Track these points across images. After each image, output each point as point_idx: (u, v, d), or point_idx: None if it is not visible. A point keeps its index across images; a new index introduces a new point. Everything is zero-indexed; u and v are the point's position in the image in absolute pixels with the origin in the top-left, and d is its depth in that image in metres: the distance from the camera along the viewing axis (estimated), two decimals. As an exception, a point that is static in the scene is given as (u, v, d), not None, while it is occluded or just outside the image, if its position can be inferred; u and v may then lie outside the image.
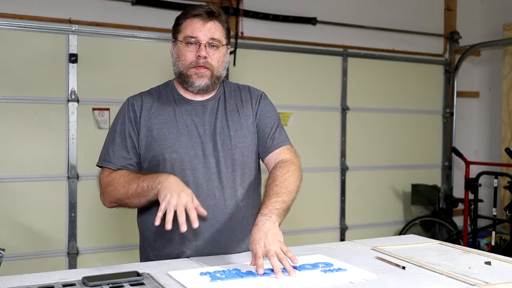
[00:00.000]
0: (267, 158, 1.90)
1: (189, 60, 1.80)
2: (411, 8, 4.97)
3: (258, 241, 1.55)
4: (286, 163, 1.83)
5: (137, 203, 1.74)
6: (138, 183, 1.68)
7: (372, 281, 1.48)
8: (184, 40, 1.80)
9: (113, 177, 1.78)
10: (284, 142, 1.91)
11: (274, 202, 1.68)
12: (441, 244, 1.99)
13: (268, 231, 1.57)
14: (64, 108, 3.59)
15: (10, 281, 1.44)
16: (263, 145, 1.91)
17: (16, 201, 3.47)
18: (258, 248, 1.53)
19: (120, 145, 1.83)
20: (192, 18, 1.81)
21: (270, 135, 1.90)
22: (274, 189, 1.73)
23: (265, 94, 1.99)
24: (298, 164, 1.87)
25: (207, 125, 1.84)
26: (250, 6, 4.15)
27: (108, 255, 3.69)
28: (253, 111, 1.91)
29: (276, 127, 1.92)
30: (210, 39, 1.79)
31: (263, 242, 1.54)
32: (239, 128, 1.87)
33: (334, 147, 4.60)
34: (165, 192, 1.57)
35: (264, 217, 1.62)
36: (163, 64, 3.73)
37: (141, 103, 1.86)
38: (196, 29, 1.79)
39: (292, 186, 1.76)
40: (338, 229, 4.58)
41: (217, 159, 1.82)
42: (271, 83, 4.18)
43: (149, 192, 1.65)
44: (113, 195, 1.77)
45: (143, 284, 1.43)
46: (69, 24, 3.59)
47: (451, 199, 4.78)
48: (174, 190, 1.57)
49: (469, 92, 5.30)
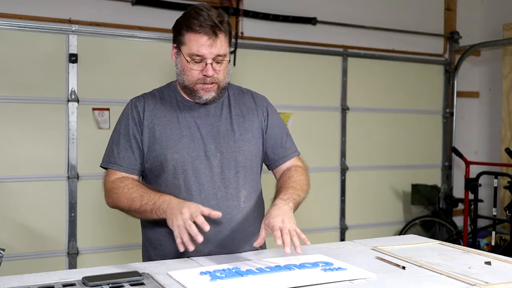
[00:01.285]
0: (279, 168, 1.98)
1: (195, 77, 1.78)
2: (411, 8, 4.97)
3: (276, 216, 1.63)
4: (299, 168, 1.96)
5: (139, 217, 1.81)
6: (142, 203, 1.71)
7: (372, 281, 1.48)
8: (189, 57, 1.76)
9: (117, 185, 1.79)
10: (296, 152, 2.00)
11: (292, 193, 1.79)
12: (441, 244, 1.99)
13: (286, 212, 1.66)
14: (64, 108, 3.59)
15: (10, 281, 1.44)
16: (275, 154, 1.96)
17: (16, 201, 3.47)
18: (276, 222, 1.60)
19: (124, 146, 1.83)
20: (196, 34, 1.74)
21: (281, 144, 1.97)
22: (291, 184, 1.84)
23: (268, 100, 2.02)
24: (308, 173, 1.98)
25: (210, 127, 1.85)
26: (250, 6, 4.15)
27: (108, 255, 3.69)
28: (259, 118, 1.93)
29: (286, 136, 2.00)
30: (216, 56, 1.76)
31: (281, 218, 1.62)
32: (244, 132, 1.88)
33: (334, 147, 4.60)
34: (170, 218, 1.60)
35: (282, 201, 1.72)
36: (163, 64, 3.74)
37: (144, 104, 1.86)
38: (201, 47, 1.74)
39: (306, 187, 1.89)
40: (338, 229, 4.58)
41: (221, 161, 1.83)
42: (271, 83, 4.19)
43: (152, 215, 1.70)
44: (116, 202, 1.80)
45: (143, 284, 1.43)
46: (69, 24, 3.59)
47: (451, 199, 4.78)
48: (176, 212, 1.59)
49: (469, 92, 5.30)
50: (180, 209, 1.59)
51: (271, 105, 2.01)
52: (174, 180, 1.81)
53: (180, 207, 1.60)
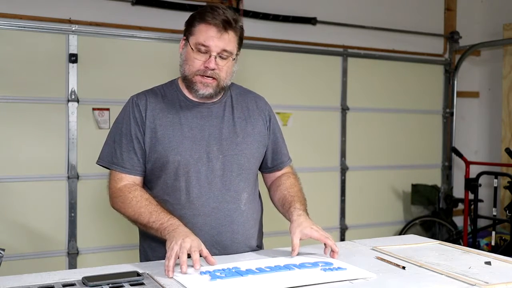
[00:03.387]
0: (272, 174, 2.02)
1: (196, 67, 1.77)
2: (411, 8, 4.97)
3: (311, 225, 1.73)
4: (292, 176, 2.01)
5: (141, 228, 1.82)
6: (149, 220, 1.71)
7: (372, 281, 1.48)
8: (195, 46, 1.75)
9: (125, 196, 1.77)
10: (290, 160, 2.05)
11: (304, 204, 1.88)
12: (441, 244, 1.99)
13: (314, 224, 1.76)
14: (64, 108, 3.59)
15: (10, 281, 1.44)
16: (273, 160, 1.99)
17: (16, 201, 3.47)
18: (314, 232, 1.71)
19: (127, 147, 1.81)
20: (207, 25, 1.74)
21: (280, 151, 2.00)
22: (302, 195, 1.93)
23: (268, 103, 2.02)
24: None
25: (212, 128, 1.83)
26: (250, 6, 4.15)
27: (108, 255, 3.69)
28: (261, 122, 1.93)
29: (282, 141, 2.03)
30: (222, 50, 1.75)
31: (316, 227, 1.73)
32: (246, 135, 1.87)
33: (334, 147, 4.60)
34: (170, 240, 1.60)
35: (305, 215, 1.81)
36: (163, 64, 3.74)
37: (145, 102, 1.84)
38: (209, 38, 1.73)
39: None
40: (338, 229, 4.59)
41: (223, 163, 1.82)
42: (271, 83, 4.19)
43: (156, 233, 1.70)
44: (121, 210, 1.80)
45: (143, 284, 1.43)
46: (69, 24, 3.59)
47: (451, 199, 4.78)
48: (178, 238, 1.59)
49: (469, 92, 5.30)
50: (184, 237, 1.59)
51: (271, 109, 2.02)
52: (175, 182, 1.80)
53: (184, 236, 1.60)
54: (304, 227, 1.71)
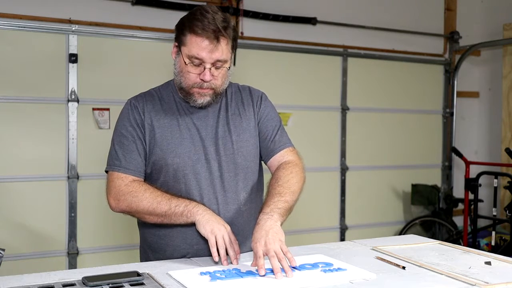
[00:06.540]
0: (270, 161, 1.90)
1: (192, 81, 1.74)
2: (411, 8, 4.97)
3: (259, 239, 1.56)
4: (289, 164, 1.84)
5: (157, 221, 1.74)
6: (171, 206, 1.69)
7: (372, 281, 1.48)
8: (188, 58, 1.72)
9: (136, 189, 1.74)
10: (286, 145, 1.90)
11: (277, 201, 1.69)
12: (441, 244, 1.99)
13: (270, 230, 1.58)
14: (64, 108, 3.59)
15: (10, 281, 1.44)
16: (265, 148, 1.90)
17: (16, 201, 3.47)
18: (259, 246, 1.54)
19: (129, 148, 1.79)
20: (198, 37, 1.70)
21: (271, 137, 1.89)
22: (277, 188, 1.74)
23: (265, 95, 1.98)
24: (302, 166, 1.87)
25: (209, 128, 1.82)
26: (250, 6, 4.16)
27: (108, 255, 3.69)
28: (254, 113, 1.90)
29: (278, 129, 1.91)
30: (215, 61, 1.72)
31: (263, 241, 1.55)
32: (241, 132, 1.85)
33: (334, 147, 4.60)
34: (209, 225, 1.65)
35: (265, 216, 1.63)
36: (163, 64, 3.73)
37: (143, 105, 1.83)
38: (201, 51, 1.69)
39: (295, 187, 1.77)
40: (338, 229, 4.58)
41: (220, 164, 1.80)
42: (271, 83, 4.18)
43: (182, 217, 1.69)
44: (133, 206, 1.73)
45: (143, 284, 1.43)
46: (69, 24, 3.59)
47: (451, 199, 4.78)
48: (215, 223, 1.66)
49: (469, 92, 5.30)
50: (219, 223, 1.66)
51: (267, 99, 1.96)
52: (175, 184, 1.78)
53: (218, 221, 1.67)
54: (253, 240, 1.59)
